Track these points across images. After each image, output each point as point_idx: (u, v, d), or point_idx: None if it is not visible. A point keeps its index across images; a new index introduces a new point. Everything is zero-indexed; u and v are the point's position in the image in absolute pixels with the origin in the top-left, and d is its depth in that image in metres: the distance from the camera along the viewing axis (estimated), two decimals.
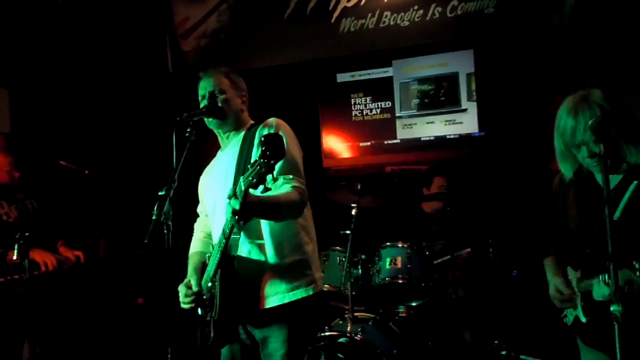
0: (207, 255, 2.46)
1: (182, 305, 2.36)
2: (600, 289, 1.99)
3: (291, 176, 2.22)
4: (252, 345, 2.36)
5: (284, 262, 2.28)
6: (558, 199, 2.25)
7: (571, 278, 2.22)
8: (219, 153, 2.55)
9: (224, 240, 2.18)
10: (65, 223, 3.54)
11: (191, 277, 2.39)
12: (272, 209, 2.11)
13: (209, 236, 2.58)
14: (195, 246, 2.58)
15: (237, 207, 1.92)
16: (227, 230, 2.16)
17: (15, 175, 3.32)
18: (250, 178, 1.85)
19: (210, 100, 2.39)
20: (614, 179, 2.03)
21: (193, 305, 2.33)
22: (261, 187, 1.87)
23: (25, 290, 2.95)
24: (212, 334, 2.29)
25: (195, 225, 2.67)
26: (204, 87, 2.44)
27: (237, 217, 1.96)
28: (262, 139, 1.81)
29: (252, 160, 2.09)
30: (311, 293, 2.31)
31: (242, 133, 2.44)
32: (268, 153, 1.79)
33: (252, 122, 2.51)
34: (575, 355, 2.28)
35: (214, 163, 2.55)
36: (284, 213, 2.16)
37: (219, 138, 2.51)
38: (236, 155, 2.36)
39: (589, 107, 1.96)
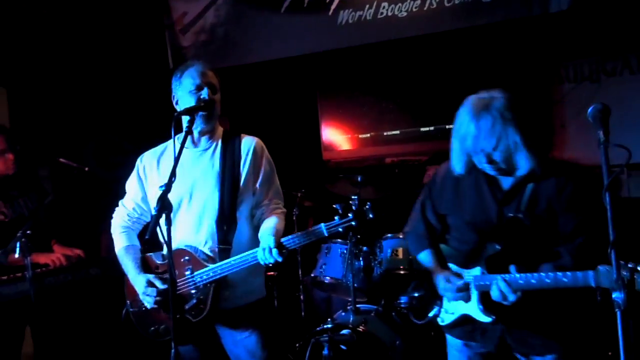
0: (139, 249, 2.52)
1: (150, 306, 2.38)
2: (495, 291, 2.04)
3: (279, 202, 2.46)
4: (209, 343, 2.48)
5: (251, 268, 2.38)
6: (444, 189, 2.28)
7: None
8: (185, 149, 2.35)
9: (236, 267, 2.29)
10: (62, 221, 3.52)
11: (150, 278, 2.38)
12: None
13: (136, 224, 2.58)
14: (125, 238, 2.54)
15: (281, 260, 2.21)
16: (248, 261, 2.27)
17: (9, 165, 3.28)
18: (340, 229, 2.15)
19: (209, 94, 2.36)
20: (507, 181, 2.13)
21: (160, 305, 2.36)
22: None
23: (28, 288, 2.95)
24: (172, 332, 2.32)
25: (119, 211, 2.60)
26: (203, 77, 2.38)
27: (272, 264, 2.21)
28: (372, 207, 2.15)
29: (247, 175, 2.37)
30: (264, 295, 2.55)
31: (218, 140, 2.45)
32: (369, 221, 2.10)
33: (221, 128, 2.51)
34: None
35: (181, 158, 2.26)
36: None
37: (190, 135, 2.40)
38: (216, 162, 2.40)
39: (491, 114, 1.98)
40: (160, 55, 5.28)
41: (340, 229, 2.11)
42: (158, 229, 1.96)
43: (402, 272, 3.48)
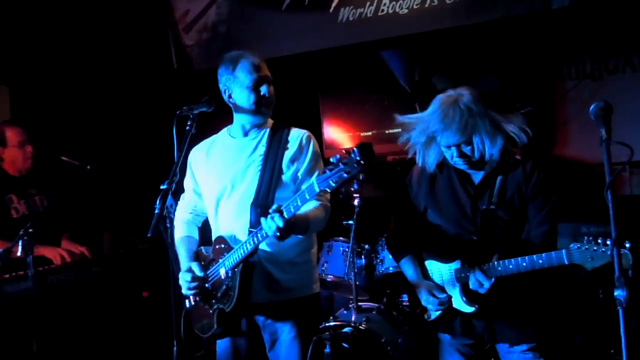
0: (196, 241, 2.52)
1: (185, 292, 2.39)
2: (472, 280, 2.14)
3: (325, 192, 2.30)
4: (254, 337, 2.43)
5: (296, 262, 2.40)
6: (420, 189, 2.37)
7: (438, 274, 2.32)
8: (229, 138, 2.49)
9: (251, 244, 2.20)
10: (71, 219, 3.54)
11: (192, 265, 2.39)
12: (304, 227, 2.23)
13: (198, 217, 2.60)
14: (183, 229, 2.56)
15: (282, 225, 2.01)
16: (259, 238, 2.18)
17: (28, 164, 3.32)
18: (332, 182, 1.90)
19: (271, 91, 2.39)
20: (477, 175, 2.25)
21: (197, 292, 2.35)
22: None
23: (30, 286, 2.96)
24: (215, 325, 2.31)
25: (181, 205, 2.62)
26: (260, 70, 2.37)
27: (279, 234, 2.05)
28: (360, 147, 1.88)
29: (289, 163, 2.33)
30: (316, 292, 2.49)
31: (266, 131, 2.44)
32: (362, 161, 1.85)
33: (271, 120, 2.51)
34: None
35: (223, 145, 2.49)
36: (312, 230, 2.31)
37: (238, 124, 2.46)
38: (262, 149, 2.39)
39: (459, 109, 2.10)
40: (163, 54, 5.27)
41: (332, 182, 1.89)
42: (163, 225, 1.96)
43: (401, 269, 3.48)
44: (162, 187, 2.08)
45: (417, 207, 2.39)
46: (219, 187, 2.43)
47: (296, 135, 2.42)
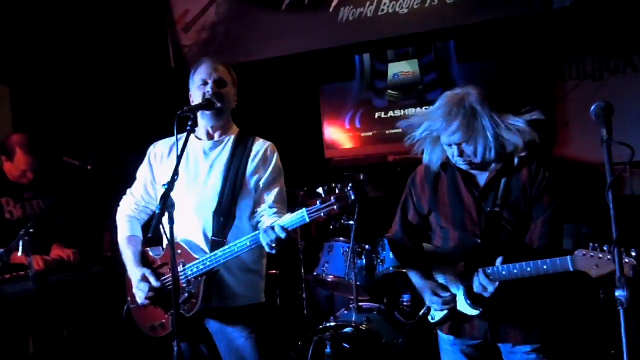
0: (141, 240, 2.49)
1: (141, 302, 2.38)
2: (476, 283, 2.11)
3: (283, 208, 2.38)
4: (208, 341, 2.45)
5: (250, 269, 2.40)
6: (424, 189, 2.35)
7: (442, 276, 2.31)
8: (195, 140, 2.44)
9: (228, 253, 2.22)
10: (70, 222, 3.53)
11: (145, 272, 2.38)
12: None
13: (142, 213, 2.58)
14: (128, 227, 2.53)
15: (284, 237, 2.04)
16: (242, 246, 2.20)
17: (29, 176, 3.30)
18: (323, 215, 1.92)
19: (214, 90, 2.36)
20: (482, 177, 2.22)
21: (152, 300, 2.36)
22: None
23: (31, 287, 2.96)
24: (171, 328, 2.32)
25: (127, 198, 2.60)
26: (209, 74, 2.39)
27: (278, 247, 2.07)
28: (354, 185, 1.91)
29: (252, 173, 2.33)
30: (263, 301, 2.49)
31: (231, 138, 2.44)
32: (355, 201, 1.89)
33: (236, 128, 2.51)
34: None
35: (187, 152, 2.35)
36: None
37: (202, 128, 2.44)
38: (226, 155, 2.40)
39: (464, 109, 2.08)
40: (162, 53, 5.28)
41: (323, 214, 1.93)
42: (161, 227, 1.96)
43: (404, 270, 3.48)
44: (162, 186, 2.08)
45: (420, 207, 2.37)
46: (178, 189, 2.27)
47: (260, 145, 2.43)
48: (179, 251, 2.31)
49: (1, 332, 3.18)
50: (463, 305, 2.22)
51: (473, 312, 2.19)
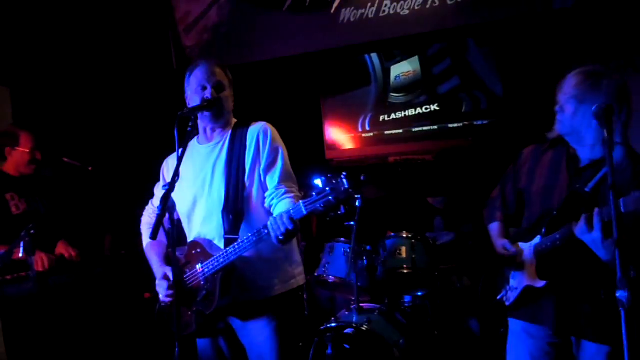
0: (165, 244, 2.49)
1: (163, 299, 2.41)
2: (580, 228, 2.00)
3: (292, 185, 2.35)
4: (232, 337, 2.44)
5: (269, 258, 2.37)
6: (524, 166, 2.37)
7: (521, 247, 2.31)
8: (197, 145, 2.49)
9: (237, 249, 2.21)
10: (70, 221, 3.54)
11: (167, 271, 2.41)
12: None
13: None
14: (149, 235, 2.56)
15: (292, 227, 2.03)
16: (249, 240, 2.19)
17: (37, 156, 3.35)
18: (319, 206, 1.91)
19: (213, 96, 2.37)
20: (585, 159, 2.18)
21: (173, 299, 2.36)
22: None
23: (32, 287, 2.97)
24: (194, 325, 2.33)
25: (148, 209, 2.66)
26: (207, 78, 2.39)
27: (287, 238, 2.06)
28: (347, 175, 1.90)
29: (252, 162, 2.32)
30: (293, 287, 2.44)
31: (229, 132, 2.45)
32: (349, 189, 1.87)
33: (235, 120, 2.51)
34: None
35: (192, 153, 2.47)
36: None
37: (202, 131, 2.48)
38: (224, 154, 2.40)
39: (616, 81, 2.13)
40: (163, 54, 5.28)
41: (320, 206, 1.93)
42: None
43: (405, 271, 3.48)
44: (163, 187, 2.08)
45: (518, 179, 2.39)
46: (189, 196, 2.43)
47: (253, 132, 2.41)
48: (199, 249, 2.36)
49: (2, 332, 3.18)
50: (533, 279, 2.21)
51: (540, 284, 2.18)
